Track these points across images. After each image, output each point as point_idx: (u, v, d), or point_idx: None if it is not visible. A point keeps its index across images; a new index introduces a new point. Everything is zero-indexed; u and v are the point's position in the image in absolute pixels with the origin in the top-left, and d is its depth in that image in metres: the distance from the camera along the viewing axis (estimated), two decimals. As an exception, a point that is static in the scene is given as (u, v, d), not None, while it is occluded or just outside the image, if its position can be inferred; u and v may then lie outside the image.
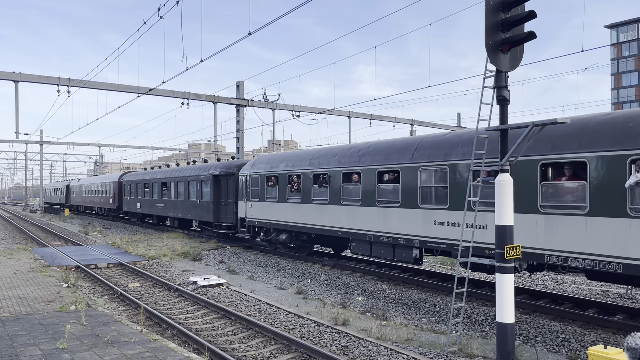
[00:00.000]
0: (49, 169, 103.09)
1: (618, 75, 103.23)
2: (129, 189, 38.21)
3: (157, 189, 32.28)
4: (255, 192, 20.80)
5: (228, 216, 23.84)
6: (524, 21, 7.74)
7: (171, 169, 31.91)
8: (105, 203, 44.30)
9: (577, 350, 8.81)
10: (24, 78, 25.75)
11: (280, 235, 19.21)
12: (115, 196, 41.09)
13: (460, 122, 48.45)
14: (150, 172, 35.07)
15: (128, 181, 38.47)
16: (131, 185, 37.54)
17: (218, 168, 24.62)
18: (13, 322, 9.50)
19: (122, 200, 40.08)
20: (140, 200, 35.42)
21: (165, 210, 31.39)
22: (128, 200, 38.31)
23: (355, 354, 8.54)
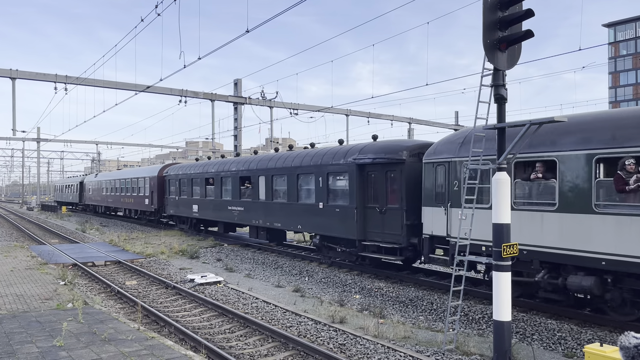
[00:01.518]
0: (46, 166, 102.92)
1: (615, 74, 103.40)
2: (177, 186, 29.01)
3: (232, 186, 23.10)
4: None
5: (389, 231, 14.47)
6: (521, 20, 7.75)
7: (260, 157, 21.83)
8: (138, 204, 35.15)
9: (573, 348, 8.84)
10: (21, 75, 25.66)
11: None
12: (154, 195, 32.16)
13: (458, 121, 48.49)
14: (216, 162, 25.70)
15: (176, 175, 29.24)
16: (182, 181, 28.50)
17: (368, 153, 15.18)
18: (10, 320, 9.48)
19: (164, 201, 31.18)
20: (198, 202, 26.26)
21: (246, 215, 21.83)
22: (175, 201, 29.16)
23: (352, 352, 8.55)
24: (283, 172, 19.34)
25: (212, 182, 25.12)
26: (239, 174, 22.40)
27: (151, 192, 32.73)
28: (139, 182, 34.99)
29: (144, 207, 34.22)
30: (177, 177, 29.10)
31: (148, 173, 33.94)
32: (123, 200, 38.73)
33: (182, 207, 28.39)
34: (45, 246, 23.30)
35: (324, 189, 16.75)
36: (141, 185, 34.56)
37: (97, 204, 47.55)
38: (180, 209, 28.62)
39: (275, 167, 19.79)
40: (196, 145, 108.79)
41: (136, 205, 35.84)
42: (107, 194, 43.22)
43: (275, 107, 33.35)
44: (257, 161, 21.27)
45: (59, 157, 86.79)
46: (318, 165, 17.22)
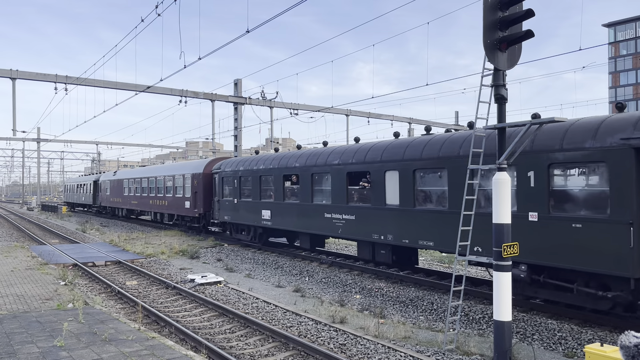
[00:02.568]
0: (46, 166, 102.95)
1: (616, 74, 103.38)
2: (234, 186, 22.40)
3: (334, 186, 16.43)
4: None
5: None
6: (521, 20, 7.76)
7: (386, 144, 15.02)
8: (175, 207, 29.11)
9: (574, 348, 8.84)
10: (21, 75, 25.66)
11: None
12: (198, 197, 26.09)
13: (459, 121, 48.49)
14: (303, 154, 18.53)
15: (233, 172, 22.60)
16: (243, 180, 21.84)
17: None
18: (10, 320, 9.49)
19: (211, 204, 25.26)
20: (272, 206, 19.58)
21: (358, 227, 15.28)
22: (233, 205, 22.49)
23: (352, 352, 8.56)
24: (441, 165, 12.54)
25: (295, 180, 18.69)
26: (347, 169, 15.79)
27: (194, 192, 26.38)
28: (177, 180, 28.69)
29: (184, 212, 27.70)
30: (235, 174, 22.47)
31: (190, 169, 27.42)
32: (153, 203, 32.33)
33: (243, 212, 21.66)
34: (45, 246, 23.31)
35: (541, 189, 10.16)
36: (179, 184, 28.29)
37: (116, 206, 41.13)
38: (241, 215, 21.88)
39: (425, 157, 13.03)
40: (196, 146, 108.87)
41: (172, 208, 29.53)
42: (130, 194, 36.87)
43: (275, 107, 33.35)
44: (382, 150, 14.70)
45: (59, 157, 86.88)
46: (530, 153, 10.11)
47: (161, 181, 31.29)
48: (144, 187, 34.18)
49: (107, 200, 43.47)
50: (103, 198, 44.99)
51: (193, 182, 26.62)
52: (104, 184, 44.67)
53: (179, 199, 28.48)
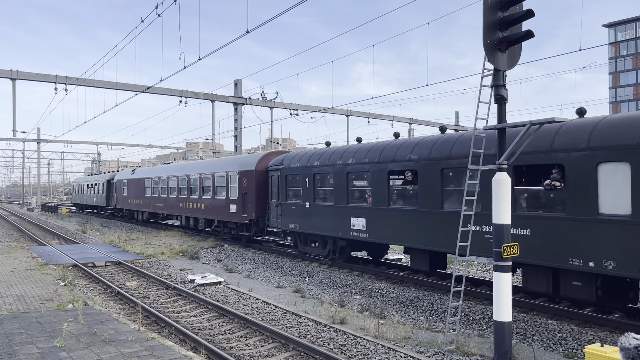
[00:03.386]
0: (46, 167, 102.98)
1: (616, 74, 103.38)
2: (306, 186, 17.64)
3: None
4: None
5: None
6: (521, 20, 7.75)
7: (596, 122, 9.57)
8: (216, 211, 24.27)
9: (574, 348, 8.83)
10: (21, 76, 25.68)
11: None
12: (248, 199, 21.44)
13: (459, 121, 48.49)
14: (418, 142, 13.72)
15: (303, 169, 17.78)
16: (318, 178, 17.25)
17: None
18: (10, 321, 9.48)
19: (267, 208, 20.66)
20: (369, 213, 14.80)
21: (539, 246, 10.17)
22: (302, 210, 17.85)
23: (352, 353, 8.55)
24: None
25: (411, 178, 13.69)
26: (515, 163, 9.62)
27: (242, 194, 21.78)
28: (218, 179, 24.03)
29: (226, 217, 23.19)
30: (306, 171, 17.57)
31: (237, 166, 22.67)
32: (184, 206, 27.67)
33: (319, 219, 16.94)
34: (45, 247, 23.31)
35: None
36: (221, 183, 23.74)
37: (135, 208, 36.07)
38: (315, 223, 17.14)
39: None
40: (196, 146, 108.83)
41: (210, 212, 24.86)
42: (154, 195, 32.04)
43: (275, 107, 33.36)
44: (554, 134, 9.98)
45: (59, 157, 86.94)
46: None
47: (195, 180, 26.44)
48: (172, 187, 29.37)
49: (124, 202, 38.30)
50: (119, 199, 39.67)
51: (241, 182, 21.86)
52: (119, 184, 39.47)
53: (221, 201, 23.61)
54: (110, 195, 42.77)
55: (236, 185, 22.40)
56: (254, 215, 21.19)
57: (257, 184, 21.08)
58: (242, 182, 21.92)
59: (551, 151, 9.91)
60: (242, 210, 21.87)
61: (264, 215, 20.95)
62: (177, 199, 28.84)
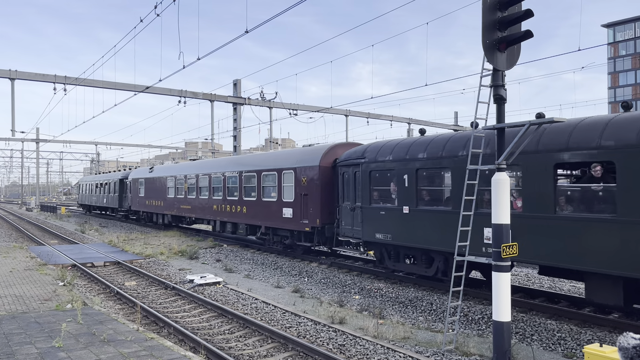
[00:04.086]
0: (45, 167, 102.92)
1: (615, 74, 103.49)
2: (405, 185, 13.48)
3: None
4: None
5: None
6: (520, 20, 7.76)
7: None
8: (262, 215, 20.45)
9: (573, 348, 8.84)
10: (20, 76, 25.67)
11: None
12: (310, 202, 17.65)
13: (458, 121, 48.52)
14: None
15: (401, 162, 13.61)
16: (421, 175, 13.22)
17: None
18: (9, 321, 9.47)
19: (336, 213, 16.59)
20: (564, 229, 9.70)
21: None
22: (403, 217, 13.52)
23: (351, 353, 8.55)
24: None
25: (601, 174, 9.52)
26: None
27: (301, 195, 18.01)
28: (266, 177, 20.27)
29: (279, 223, 19.26)
30: (403, 165, 13.51)
31: (293, 161, 18.81)
32: (219, 208, 23.88)
33: (422, 228, 12.89)
34: (44, 247, 23.29)
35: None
36: (270, 182, 19.98)
37: (155, 210, 32.11)
38: (416, 233, 13.07)
39: None
40: (195, 146, 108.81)
41: (256, 217, 20.77)
42: (179, 196, 28.46)
43: (274, 107, 33.36)
44: None
45: (58, 157, 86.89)
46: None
47: (234, 179, 22.66)
48: (202, 187, 25.61)
49: (141, 203, 34.36)
50: (134, 201, 35.79)
51: (299, 180, 18.13)
52: (134, 184, 35.55)
53: (270, 204, 19.78)
54: (124, 196, 39.25)
55: (292, 185, 18.67)
56: (317, 221, 17.17)
57: (323, 183, 17.26)
58: (300, 180, 18.16)
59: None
60: (300, 215, 17.99)
61: (331, 221, 16.98)
62: (208, 201, 24.98)
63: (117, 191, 40.14)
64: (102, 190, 44.61)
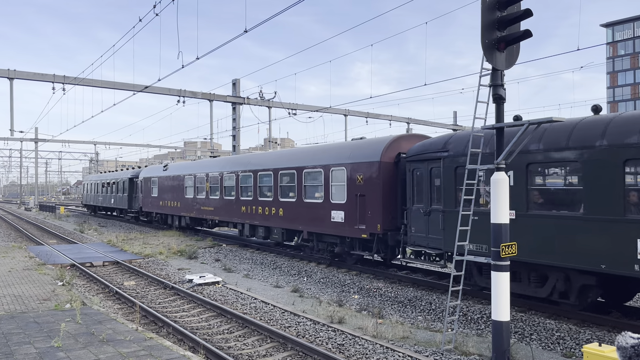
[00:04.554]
0: (44, 166, 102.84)
1: (614, 74, 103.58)
2: (615, 177, 8.99)
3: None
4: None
5: None
6: (520, 19, 7.76)
7: None
8: (304, 219, 17.88)
9: (572, 348, 8.84)
10: (19, 75, 25.65)
11: None
12: (370, 204, 15.04)
13: (457, 121, 48.53)
14: None
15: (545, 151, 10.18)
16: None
17: None
18: (8, 321, 9.46)
19: (407, 219, 13.93)
20: None
21: None
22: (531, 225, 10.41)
23: (351, 352, 8.55)
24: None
25: None
26: None
27: (356, 196, 15.41)
28: (308, 176, 17.58)
29: (328, 228, 16.57)
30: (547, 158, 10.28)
31: (345, 157, 16.22)
32: (250, 210, 21.06)
33: (536, 238, 10.40)
34: (43, 247, 23.26)
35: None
36: (315, 181, 17.24)
37: (171, 212, 29.25)
38: (529, 245, 10.48)
39: None
40: (194, 146, 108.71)
41: (297, 221, 18.09)
42: (199, 197, 25.61)
43: (273, 107, 33.36)
44: None
45: (57, 157, 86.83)
46: None
47: (268, 178, 19.97)
48: (227, 186, 22.94)
49: (153, 204, 31.73)
50: (145, 201, 33.14)
51: (353, 179, 15.54)
52: (146, 183, 32.98)
53: (315, 206, 17.11)
54: (134, 197, 36.50)
55: (343, 184, 16.04)
56: (378, 227, 14.53)
57: (385, 182, 14.61)
58: (354, 179, 15.51)
59: None
60: (355, 219, 15.31)
61: (395, 227, 14.52)
62: (236, 202, 22.13)
63: (126, 191, 37.66)
64: (110, 189, 42.02)
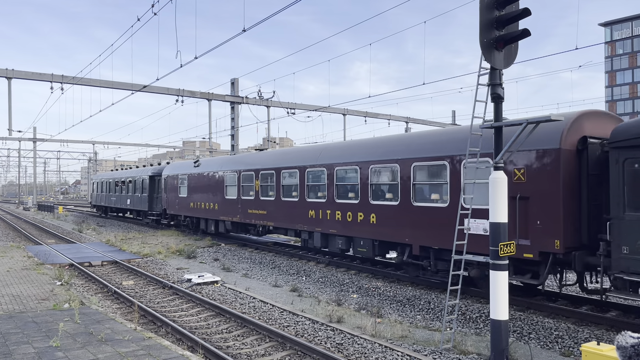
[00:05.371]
0: (42, 166, 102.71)
1: (612, 73, 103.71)
2: None
3: None
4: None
5: None
6: (518, 19, 7.75)
7: None
8: (438, 233, 12.32)
9: (570, 347, 8.85)
10: (17, 75, 25.60)
11: None
12: (548, 214, 10.03)
13: (455, 120, 48.56)
14: None
15: None
16: None
17: None
18: (6, 320, 9.45)
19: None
20: None
21: None
22: None
23: (349, 352, 8.55)
24: None
25: None
26: None
27: (514, 199, 10.47)
28: (420, 170, 13.24)
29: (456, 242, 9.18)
30: None
31: (485, 143, 9.76)
32: (320, 215, 16.84)
33: None
34: (41, 246, 23.23)
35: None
36: (433, 177, 12.90)
37: (206, 216, 24.77)
38: None
39: None
40: (193, 145, 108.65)
41: (398, 230, 13.72)
42: (245, 197, 21.41)
43: (272, 106, 33.35)
44: None
45: (56, 157, 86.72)
46: None
47: (351, 175, 15.58)
48: (287, 184, 18.69)
49: (181, 205, 27.45)
50: (171, 202, 28.77)
51: (509, 173, 10.43)
52: (171, 181, 28.70)
53: (435, 212, 12.68)
54: (155, 197, 32.40)
55: (487, 183, 10.16)
56: (557, 244, 10.02)
57: (566, 179, 10.12)
58: (510, 174, 10.55)
59: None
60: (514, 231, 10.50)
61: (579, 244, 10.20)
62: (300, 205, 17.81)
63: (146, 190, 33.25)
64: (125, 189, 37.65)
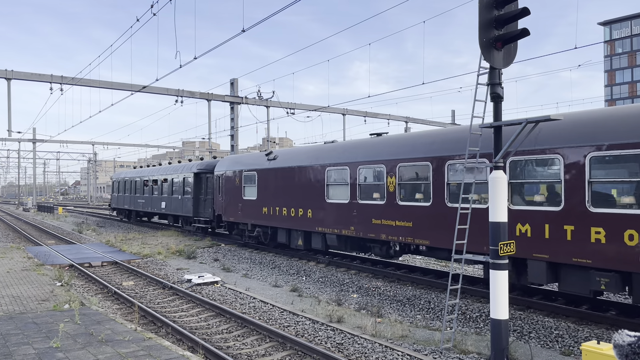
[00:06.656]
0: (42, 167, 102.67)
1: (611, 72, 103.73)
2: None
3: None
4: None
5: None
6: (517, 18, 7.76)
7: None
8: None
9: (570, 346, 8.86)
10: (16, 76, 25.58)
11: None
12: None
13: (455, 119, 48.56)
14: None
15: None
16: None
17: None
18: (6, 321, 9.45)
19: None
20: None
21: None
22: None
23: (350, 351, 8.55)
24: None
25: None
26: None
27: None
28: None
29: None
30: None
31: None
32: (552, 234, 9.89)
33: None
34: (41, 247, 23.23)
35: None
36: None
37: (295, 226, 18.16)
38: None
39: None
40: (193, 146, 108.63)
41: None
42: (361, 202, 14.92)
43: (271, 106, 33.35)
44: None
45: (55, 157, 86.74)
46: None
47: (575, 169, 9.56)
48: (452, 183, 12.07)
49: (248, 212, 21.07)
50: (231, 208, 22.28)
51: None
52: (231, 180, 22.29)
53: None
54: (203, 200, 26.01)
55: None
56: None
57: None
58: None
59: None
60: None
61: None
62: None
63: (189, 192, 26.69)
64: (158, 189, 31.06)
